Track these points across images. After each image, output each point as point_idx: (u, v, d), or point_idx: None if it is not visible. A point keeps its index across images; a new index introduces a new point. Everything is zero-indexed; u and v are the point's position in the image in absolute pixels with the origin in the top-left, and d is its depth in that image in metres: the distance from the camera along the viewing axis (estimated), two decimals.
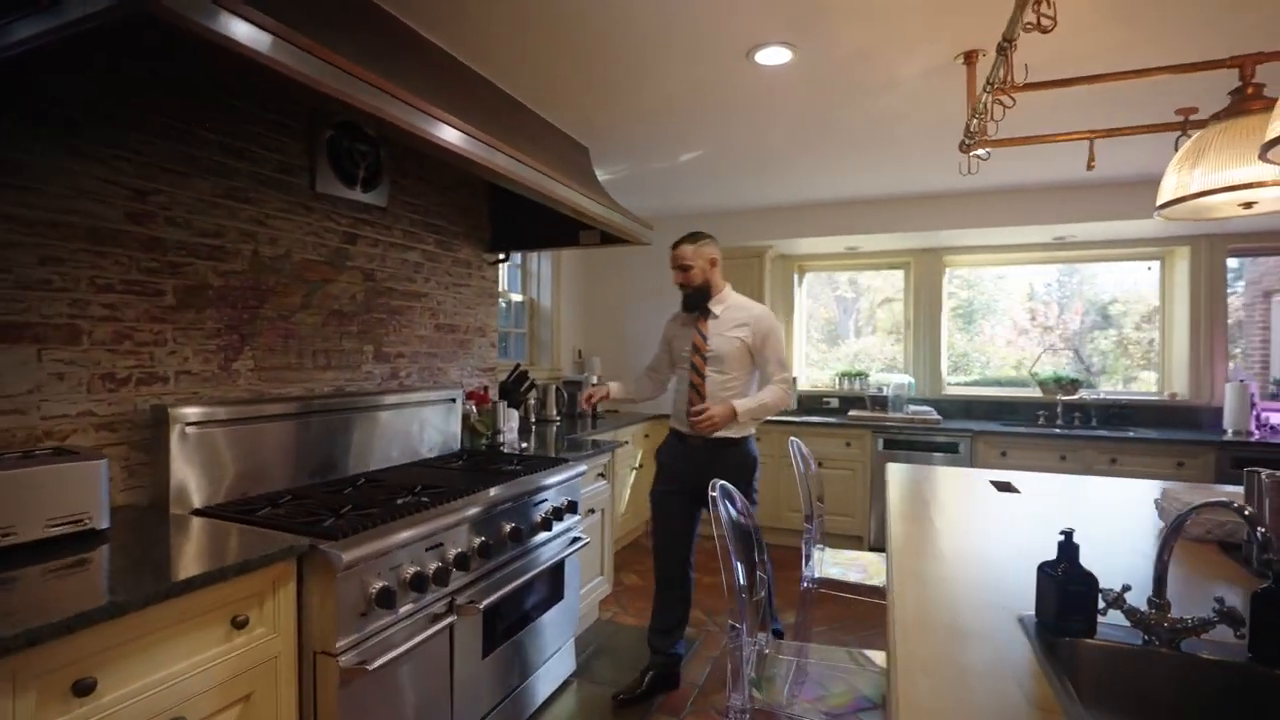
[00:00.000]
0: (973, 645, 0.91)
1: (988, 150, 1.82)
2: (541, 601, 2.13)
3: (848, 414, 4.13)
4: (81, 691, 0.98)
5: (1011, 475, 2.22)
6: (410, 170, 2.49)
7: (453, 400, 2.57)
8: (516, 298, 4.11)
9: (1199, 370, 3.72)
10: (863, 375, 4.48)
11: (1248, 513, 0.94)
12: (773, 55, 2.00)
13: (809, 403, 4.56)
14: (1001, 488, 2.04)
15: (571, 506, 2.26)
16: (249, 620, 1.24)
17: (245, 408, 1.75)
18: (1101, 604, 0.92)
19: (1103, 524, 1.65)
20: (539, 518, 2.08)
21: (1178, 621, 0.89)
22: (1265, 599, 0.85)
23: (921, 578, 1.18)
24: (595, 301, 4.71)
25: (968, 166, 2.02)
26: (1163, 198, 1.58)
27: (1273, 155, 1.05)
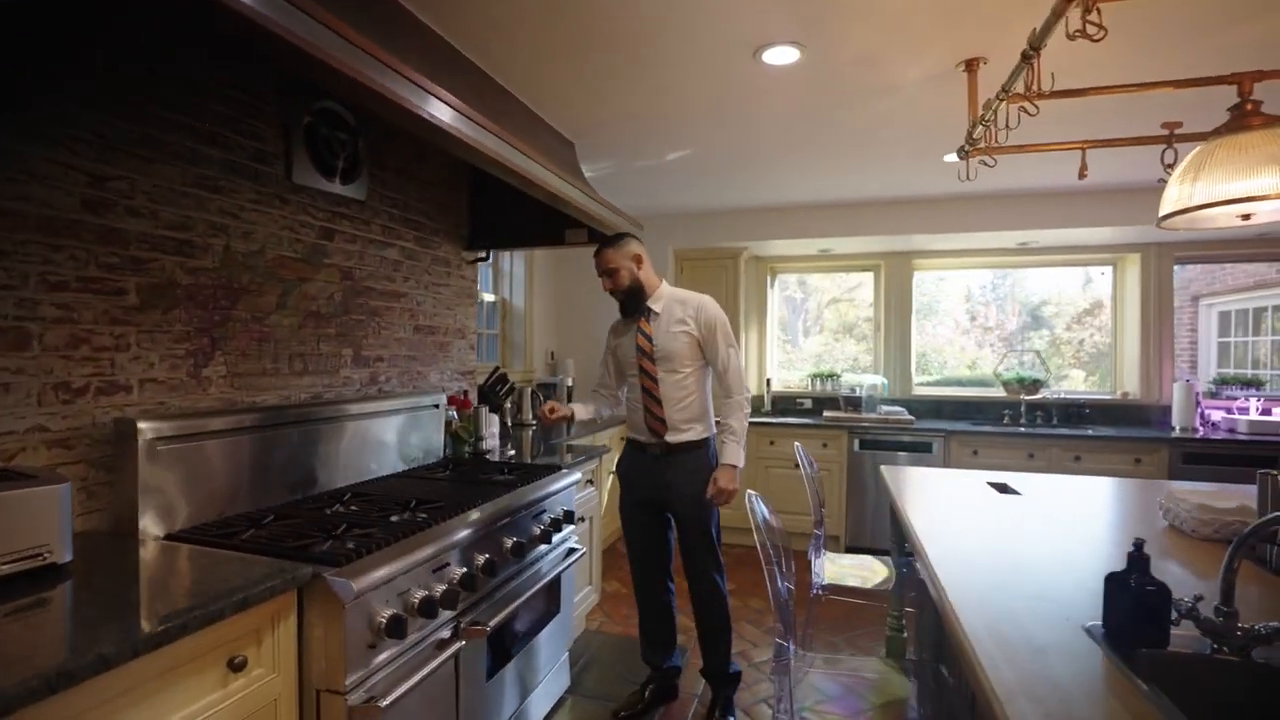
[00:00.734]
0: (1055, 661, 0.88)
1: (994, 158, 1.84)
2: (540, 617, 2.03)
3: (822, 415, 4.18)
4: None
5: (1006, 477, 2.27)
6: (389, 163, 2.34)
7: (436, 406, 2.43)
8: (489, 298, 3.96)
9: (1149, 370, 3.94)
10: (834, 376, 4.54)
11: None
12: (780, 55, 1.96)
13: (783, 404, 4.59)
14: (1000, 489, 2.07)
15: (568, 516, 2.17)
16: (246, 661, 1.11)
17: (220, 419, 1.59)
18: (1174, 614, 0.92)
19: (1113, 527, 1.68)
20: (538, 530, 1.98)
21: (1250, 630, 0.89)
22: None
23: (972, 589, 1.16)
24: (568, 302, 4.60)
25: (966, 172, 2.04)
26: (1164, 209, 1.63)
27: None
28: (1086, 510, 1.85)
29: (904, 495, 1.94)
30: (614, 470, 3.68)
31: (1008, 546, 1.45)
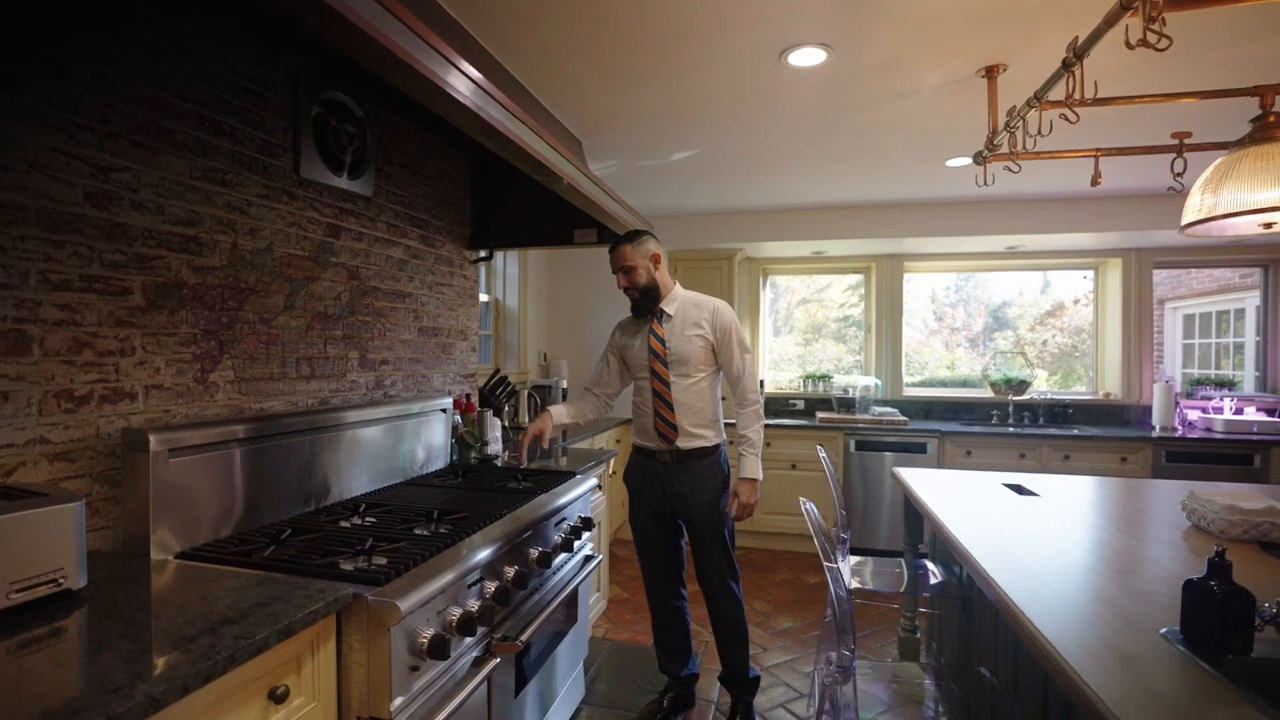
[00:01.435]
0: (1150, 671, 0.88)
1: (1019, 163, 1.86)
2: (561, 628, 1.98)
3: (815, 416, 4.20)
4: None
5: (1018, 478, 2.30)
6: (395, 158, 2.24)
7: (444, 411, 2.35)
8: (481, 298, 3.86)
9: (1130, 371, 4.07)
10: (826, 378, 4.58)
11: None
12: (807, 56, 1.95)
13: (776, 405, 4.61)
14: (1018, 491, 2.10)
15: (587, 523, 2.11)
16: (289, 691, 1.03)
17: (230, 428, 1.49)
18: (1258, 620, 0.92)
19: (1139, 526, 1.71)
20: (559, 538, 1.92)
21: None
22: None
23: (1036, 597, 1.15)
24: (559, 303, 4.53)
25: (984, 177, 2.06)
26: (1188, 218, 1.66)
27: None
28: (1108, 511, 1.88)
29: (928, 498, 1.94)
30: (612, 474, 3.61)
31: (1052, 550, 1.46)
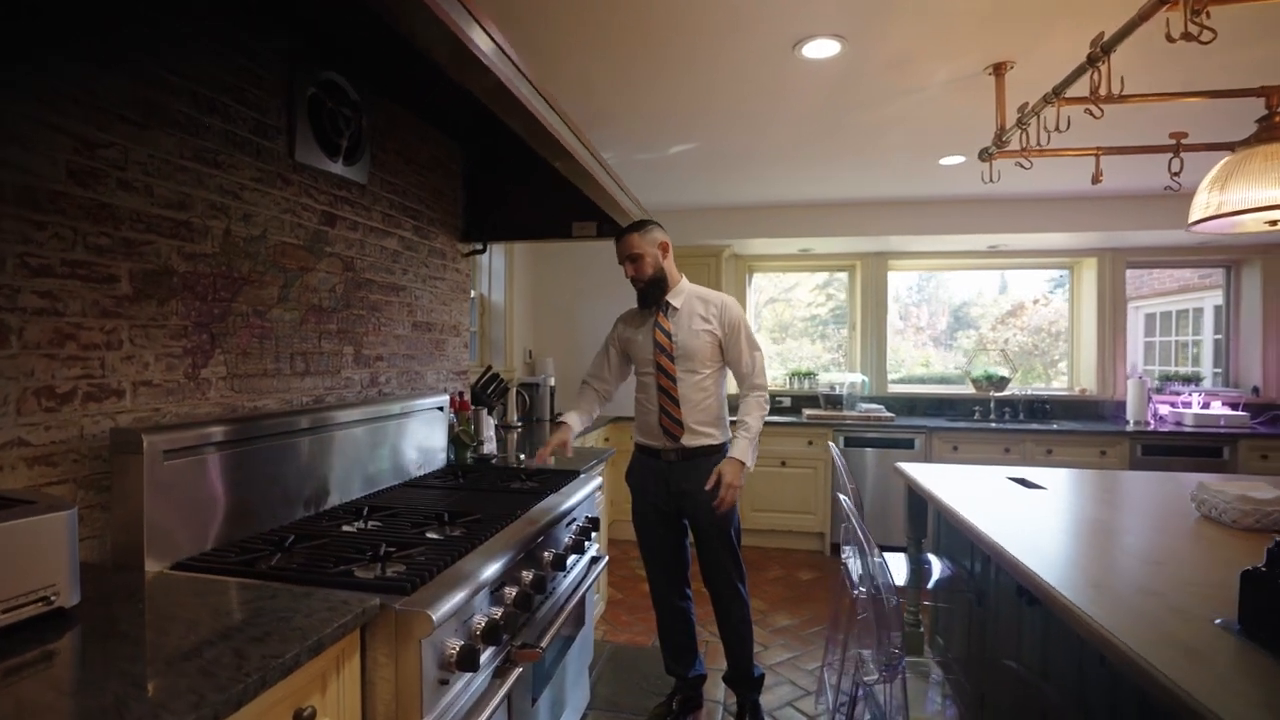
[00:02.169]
0: (1217, 662, 0.87)
1: (1030, 160, 1.87)
2: (571, 632, 1.91)
3: (802, 413, 4.21)
4: None
5: (1021, 471, 2.32)
6: (390, 144, 2.14)
7: (440, 409, 2.26)
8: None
9: (1104, 368, 4.20)
10: (811, 375, 4.60)
11: None
12: (820, 48, 1.92)
13: None
14: (1024, 484, 2.12)
15: (594, 523, 2.05)
16: (314, 713, 0.95)
17: (225, 427, 1.38)
18: None
19: (1153, 517, 1.73)
20: (569, 540, 1.86)
21: None
22: None
23: (1081, 591, 1.15)
24: (545, 299, 4.44)
25: (989, 174, 2.07)
26: (1195, 215, 1.70)
27: None
28: (1115, 504, 1.90)
29: (943, 494, 1.94)
30: (625, 479, 3.56)
31: (1081, 543, 1.46)
